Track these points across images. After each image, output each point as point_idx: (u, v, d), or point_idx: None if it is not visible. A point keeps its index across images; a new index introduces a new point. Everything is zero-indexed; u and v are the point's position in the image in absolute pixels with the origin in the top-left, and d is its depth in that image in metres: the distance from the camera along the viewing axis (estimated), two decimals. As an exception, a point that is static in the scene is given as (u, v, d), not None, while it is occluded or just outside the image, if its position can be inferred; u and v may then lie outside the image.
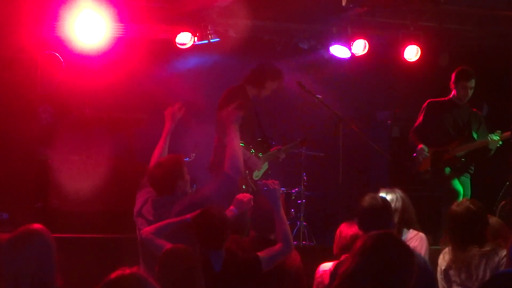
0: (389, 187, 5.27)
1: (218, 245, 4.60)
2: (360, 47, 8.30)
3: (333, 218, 7.14)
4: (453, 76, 7.58)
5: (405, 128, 8.24)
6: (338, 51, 8.42)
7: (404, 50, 8.41)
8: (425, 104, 7.73)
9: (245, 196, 5.01)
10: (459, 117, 7.59)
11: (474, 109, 7.69)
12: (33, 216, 6.84)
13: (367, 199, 4.63)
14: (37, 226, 3.80)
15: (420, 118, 7.68)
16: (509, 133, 7.36)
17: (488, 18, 8.36)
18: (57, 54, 7.60)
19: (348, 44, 8.28)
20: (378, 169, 8.89)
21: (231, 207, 4.94)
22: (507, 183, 7.57)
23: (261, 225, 4.98)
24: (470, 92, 7.56)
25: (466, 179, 7.58)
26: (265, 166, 7.42)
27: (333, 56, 8.51)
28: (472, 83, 7.52)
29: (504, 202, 7.51)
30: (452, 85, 7.59)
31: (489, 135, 7.38)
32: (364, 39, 8.28)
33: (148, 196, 5.24)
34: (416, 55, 8.44)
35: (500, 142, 7.35)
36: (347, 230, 4.96)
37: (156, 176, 5.20)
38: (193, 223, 4.69)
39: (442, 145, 7.52)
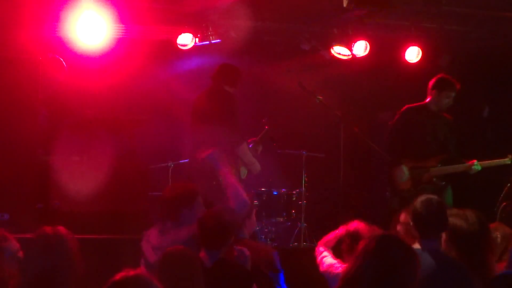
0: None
1: (216, 246, 4.62)
2: (361, 48, 8.30)
3: (334, 219, 7.14)
4: (434, 82, 7.50)
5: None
6: (339, 52, 8.42)
7: (405, 51, 8.41)
8: (403, 109, 7.66)
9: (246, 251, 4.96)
10: (440, 129, 7.56)
11: (445, 114, 7.66)
12: (34, 216, 6.85)
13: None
14: (61, 228, 3.84)
15: (397, 125, 7.63)
16: (487, 161, 7.41)
17: (489, 19, 8.35)
18: (60, 58, 7.61)
19: (349, 45, 8.27)
20: (379, 170, 8.88)
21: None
22: (508, 184, 7.57)
23: None
24: (449, 102, 7.50)
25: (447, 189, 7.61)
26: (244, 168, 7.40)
27: (334, 57, 8.50)
28: (454, 94, 7.46)
29: (505, 203, 7.51)
30: (432, 91, 7.49)
31: (475, 165, 7.40)
32: (365, 40, 8.27)
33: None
34: (417, 56, 8.43)
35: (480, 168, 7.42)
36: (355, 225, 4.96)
37: (163, 199, 5.16)
38: (198, 222, 4.71)
39: (421, 158, 7.50)
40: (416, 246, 4.50)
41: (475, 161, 7.39)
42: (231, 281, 4.53)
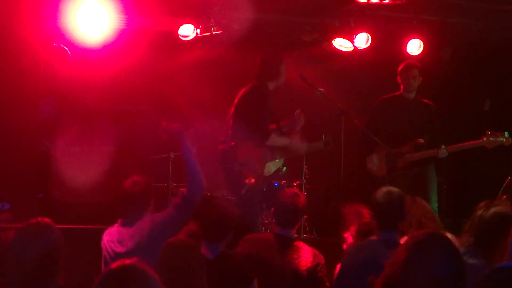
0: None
1: (217, 238, 4.63)
2: (363, 40, 8.29)
3: (335, 211, 7.14)
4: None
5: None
6: (341, 44, 8.41)
7: (407, 43, 8.40)
8: (378, 101, 7.83)
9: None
10: (416, 115, 7.66)
11: (425, 100, 7.74)
12: (35, 206, 6.87)
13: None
14: (45, 220, 3.80)
15: (372, 115, 7.78)
16: (455, 146, 7.46)
17: (491, 12, 8.33)
18: (65, 47, 7.60)
19: (351, 37, 8.27)
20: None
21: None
22: (509, 177, 7.57)
23: (283, 221, 5.09)
24: (413, 82, 7.61)
25: (428, 169, 7.64)
26: (279, 163, 7.36)
27: (335, 49, 8.50)
28: (413, 72, 7.59)
29: (505, 196, 7.51)
30: (398, 80, 7.69)
31: (441, 147, 7.42)
32: (367, 32, 8.27)
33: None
34: (419, 49, 8.43)
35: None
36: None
37: (126, 194, 5.10)
38: (198, 213, 4.72)
39: (395, 144, 7.57)
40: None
41: (442, 146, 7.45)
42: (233, 274, 4.55)
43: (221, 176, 7.22)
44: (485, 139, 7.40)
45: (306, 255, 5.05)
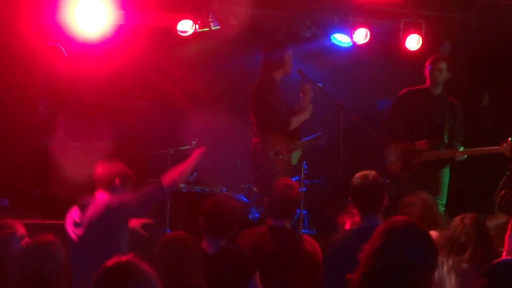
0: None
1: (220, 234, 4.63)
2: (361, 35, 8.28)
3: (333, 207, 7.13)
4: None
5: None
6: (340, 39, 8.40)
7: (406, 39, 8.39)
8: (402, 92, 7.75)
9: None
10: (437, 113, 7.58)
11: (451, 98, 7.69)
12: (33, 202, 6.87)
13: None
14: (51, 238, 3.83)
15: (395, 106, 7.72)
16: (474, 150, 7.44)
17: (490, 7, 8.32)
18: (60, 46, 7.59)
19: (349, 32, 8.26)
20: (378, 158, 8.88)
21: None
22: (507, 172, 7.56)
23: (277, 213, 5.09)
24: (439, 75, 7.55)
25: (444, 172, 7.61)
26: (298, 153, 7.46)
27: (334, 45, 8.49)
28: (439, 65, 7.53)
29: (504, 191, 7.51)
30: (425, 74, 7.63)
31: (460, 148, 7.38)
32: (365, 27, 8.25)
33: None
34: (417, 44, 8.41)
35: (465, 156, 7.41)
36: None
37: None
38: (203, 209, 4.71)
39: (414, 141, 7.52)
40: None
41: (461, 149, 7.42)
42: (233, 268, 4.54)
43: (251, 170, 7.40)
44: (505, 145, 7.33)
45: (302, 244, 5.06)
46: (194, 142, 8.21)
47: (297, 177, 8.24)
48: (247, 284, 4.56)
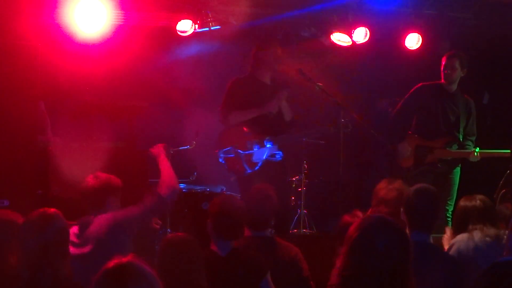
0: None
1: (230, 237, 4.61)
2: (361, 34, 8.28)
3: (334, 206, 7.14)
4: None
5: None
6: (339, 38, 8.40)
7: (405, 38, 8.39)
8: (417, 86, 7.64)
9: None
10: (451, 110, 7.52)
11: (466, 96, 7.66)
12: (34, 203, 6.85)
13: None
14: (54, 210, 3.92)
15: (408, 101, 7.61)
16: (486, 152, 7.40)
17: (489, 6, 8.32)
18: (56, 43, 7.59)
19: (349, 31, 8.26)
20: (378, 157, 8.88)
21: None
22: (508, 171, 7.56)
23: (255, 221, 4.98)
24: (451, 72, 7.46)
25: (456, 172, 7.57)
26: (270, 149, 7.32)
27: (334, 44, 8.48)
28: (452, 62, 7.43)
29: (504, 190, 7.50)
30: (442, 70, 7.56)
31: (475, 149, 7.36)
32: (365, 26, 8.25)
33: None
34: (417, 43, 8.42)
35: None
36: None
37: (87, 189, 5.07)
38: (210, 212, 4.69)
39: (427, 138, 7.47)
40: None
41: (477, 149, 7.37)
42: (247, 269, 4.53)
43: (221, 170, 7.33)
44: None
45: (284, 250, 5.01)
46: (194, 142, 8.21)
47: (297, 177, 8.26)
48: (260, 283, 4.54)
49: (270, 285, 4.58)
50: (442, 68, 7.50)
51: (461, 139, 7.54)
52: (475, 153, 7.32)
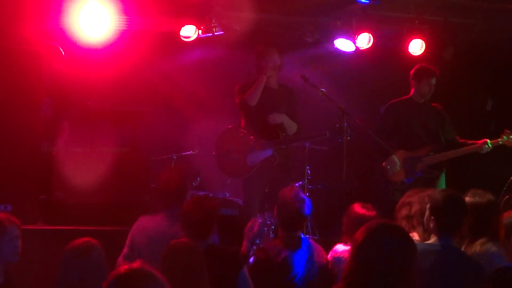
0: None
1: (203, 235, 4.72)
2: (364, 40, 8.28)
3: (337, 212, 7.12)
4: (412, 73, 7.67)
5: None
6: (343, 44, 8.40)
7: (409, 44, 8.39)
8: (387, 105, 7.81)
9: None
10: (428, 119, 7.65)
11: (434, 104, 7.73)
12: (37, 208, 6.86)
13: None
14: (95, 241, 4.17)
15: (384, 120, 7.77)
16: (497, 140, 7.41)
17: (493, 11, 8.32)
18: (58, 46, 7.60)
19: (352, 37, 8.26)
20: (382, 163, 8.88)
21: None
22: (511, 177, 7.56)
23: (288, 223, 5.17)
24: (431, 90, 7.62)
25: (442, 177, 7.64)
26: (267, 153, 7.31)
27: (337, 50, 8.49)
28: (434, 81, 7.59)
29: (507, 196, 7.50)
30: (412, 82, 7.67)
31: (488, 143, 7.39)
32: (368, 32, 8.26)
33: None
34: (421, 49, 8.42)
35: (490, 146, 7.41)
36: (358, 209, 5.01)
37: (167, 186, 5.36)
38: (181, 214, 4.77)
39: (412, 149, 7.56)
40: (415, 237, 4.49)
41: (487, 140, 7.41)
42: (224, 263, 4.64)
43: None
44: (504, 137, 7.37)
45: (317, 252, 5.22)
46: (197, 149, 8.22)
47: (300, 182, 8.26)
48: (238, 276, 4.64)
49: (247, 277, 4.69)
50: (421, 84, 7.58)
51: (447, 142, 7.62)
52: (488, 145, 7.34)
